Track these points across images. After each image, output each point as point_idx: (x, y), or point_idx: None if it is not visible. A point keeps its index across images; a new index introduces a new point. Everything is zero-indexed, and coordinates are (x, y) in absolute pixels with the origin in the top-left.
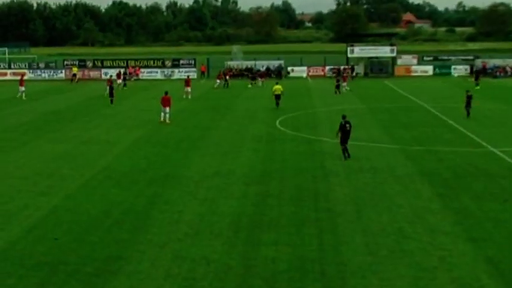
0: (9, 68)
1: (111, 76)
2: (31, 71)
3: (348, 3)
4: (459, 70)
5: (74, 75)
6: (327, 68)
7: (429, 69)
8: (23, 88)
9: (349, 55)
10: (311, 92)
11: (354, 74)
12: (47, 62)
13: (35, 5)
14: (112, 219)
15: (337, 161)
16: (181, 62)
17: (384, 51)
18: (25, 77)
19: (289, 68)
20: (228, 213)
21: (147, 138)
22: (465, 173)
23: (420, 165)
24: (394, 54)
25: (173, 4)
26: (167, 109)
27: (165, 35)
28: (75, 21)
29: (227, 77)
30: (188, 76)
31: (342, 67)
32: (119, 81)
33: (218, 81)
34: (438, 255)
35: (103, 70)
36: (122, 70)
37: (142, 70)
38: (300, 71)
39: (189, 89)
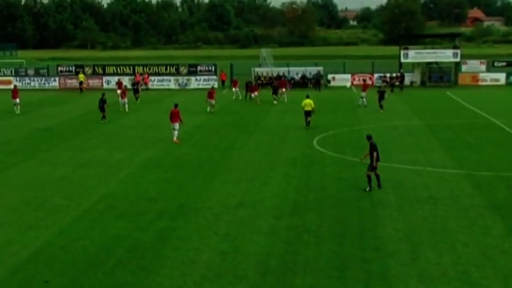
0: None
1: (125, 86)
2: (18, 78)
3: None
4: None
5: (81, 83)
6: (376, 75)
7: (501, 77)
8: (17, 100)
9: (402, 60)
10: (367, 102)
11: (407, 83)
12: (37, 68)
13: None
14: (114, 258)
15: (387, 189)
16: (199, 68)
17: (445, 55)
18: (10, 86)
19: (329, 76)
20: (255, 252)
21: (158, 160)
22: None
23: (490, 195)
24: (458, 59)
25: None
26: (176, 125)
27: (179, 35)
28: (72, 19)
29: (254, 93)
30: (213, 87)
31: (388, 75)
32: (119, 91)
33: (234, 89)
34: None
35: (105, 78)
36: (132, 78)
37: (152, 78)
38: (342, 80)
39: (213, 101)
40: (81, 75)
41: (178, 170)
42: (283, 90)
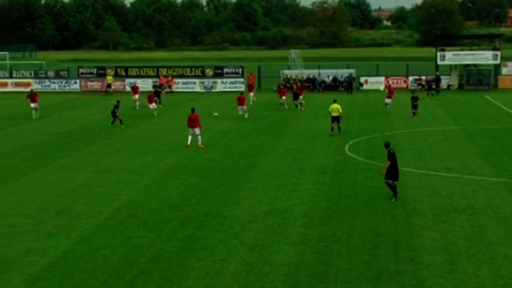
0: (11, 77)
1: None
2: (37, 80)
3: None
4: None
5: (109, 85)
6: (411, 78)
7: None
8: (36, 105)
9: (439, 62)
10: (391, 108)
11: (444, 86)
12: (57, 69)
13: None
14: (136, 268)
15: (423, 198)
16: (225, 70)
17: (484, 57)
18: (30, 88)
19: (362, 79)
20: (283, 262)
21: (181, 166)
22: None
23: None
24: (498, 61)
25: None
26: (197, 130)
27: (205, 36)
28: (93, 19)
29: (282, 97)
30: (241, 92)
31: (424, 77)
32: (136, 96)
33: (283, 98)
34: None
35: (127, 80)
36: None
37: (176, 80)
38: (375, 82)
39: (244, 107)
40: (109, 77)
41: (203, 176)
42: (300, 96)
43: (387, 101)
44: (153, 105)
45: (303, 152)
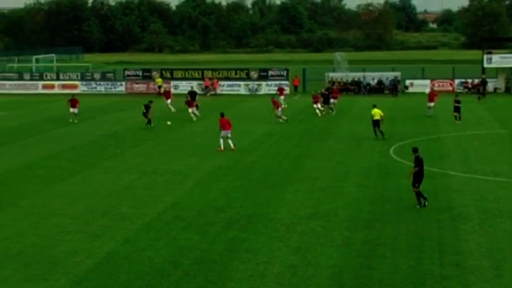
0: (58, 79)
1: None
2: (84, 82)
3: None
4: None
5: (160, 87)
6: (457, 81)
7: None
8: (75, 110)
9: (485, 65)
10: (436, 112)
11: (491, 89)
12: (103, 71)
13: (89, 2)
14: (181, 270)
15: (469, 202)
16: (270, 73)
17: None
18: (77, 90)
19: (407, 82)
20: (327, 265)
21: (226, 169)
22: None
23: None
24: None
25: (261, 1)
26: (229, 132)
27: (250, 39)
28: (139, 22)
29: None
30: (274, 96)
31: (470, 80)
32: (168, 101)
33: (318, 105)
34: None
35: (172, 82)
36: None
37: (221, 83)
38: (421, 85)
39: (279, 110)
40: (159, 79)
41: (247, 178)
42: (334, 100)
43: (430, 104)
44: (192, 110)
45: (347, 154)
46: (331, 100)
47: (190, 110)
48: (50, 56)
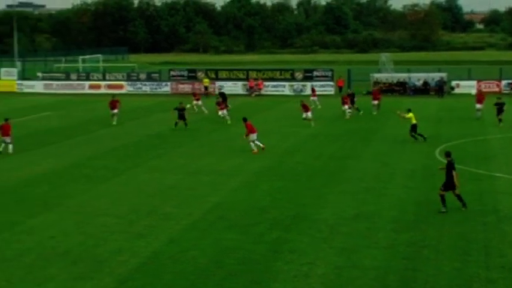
0: (104, 79)
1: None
2: (129, 83)
3: None
4: None
5: (206, 88)
6: (503, 82)
7: None
8: (115, 111)
9: None
10: (482, 114)
11: None
12: (149, 72)
13: (135, 2)
14: (225, 270)
15: None
16: (314, 73)
17: None
18: (123, 91)
19: (453, 83)
20: (372, 266)
21: (270, 169)
22: None
23: None
24: None
25: (306, 1)
26: (256, 135)
27: (295, 39)
28: (184, 22)
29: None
30: (302, 101)
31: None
32: (195, 102)
33: (346, 107)
34: None
35: (217, 83)
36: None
37: (266, 83)
38: (467, 86)
39: (309, 114)
40: (206, 80)
41: (291, 179)
42: (376, 102)
43: (478, 106)
44: (223, 112)
45: (391, 156)
46: (373, 102)
47: (220, 112)
48: (96, 56)
